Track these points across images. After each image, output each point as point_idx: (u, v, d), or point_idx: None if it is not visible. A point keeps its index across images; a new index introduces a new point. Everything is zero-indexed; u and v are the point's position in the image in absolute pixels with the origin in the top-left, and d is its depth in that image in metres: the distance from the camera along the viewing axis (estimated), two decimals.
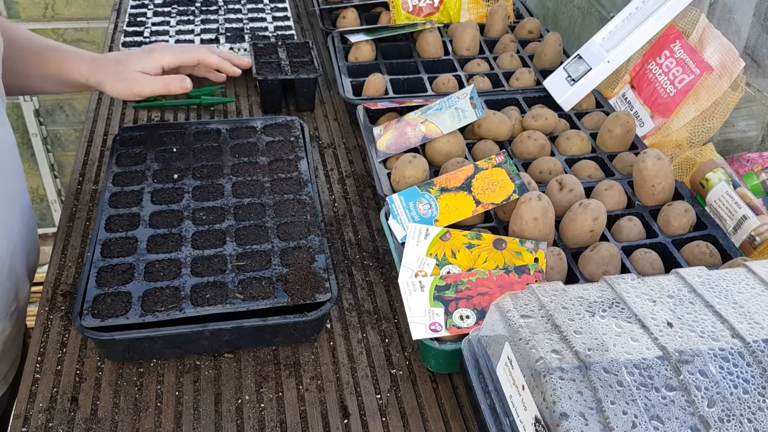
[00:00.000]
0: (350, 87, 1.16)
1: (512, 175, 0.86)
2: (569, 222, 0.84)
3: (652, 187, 0.89)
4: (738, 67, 0.98)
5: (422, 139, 0.97)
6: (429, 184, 0.87)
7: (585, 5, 1.47)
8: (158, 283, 0.79)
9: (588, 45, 1.13)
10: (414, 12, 1.34)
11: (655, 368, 0.53)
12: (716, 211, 0.89)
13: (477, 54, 1.28)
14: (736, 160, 1.02)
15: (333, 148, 1.15)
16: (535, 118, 1.05)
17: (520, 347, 0.57)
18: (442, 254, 0.80)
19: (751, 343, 0.55)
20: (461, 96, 1.01)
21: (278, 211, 0.91)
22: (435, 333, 0.73)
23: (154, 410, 0.73)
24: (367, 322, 0.84)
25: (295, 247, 0.85)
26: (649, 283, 0.62)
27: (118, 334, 0.73)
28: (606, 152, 1.02)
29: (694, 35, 1.05)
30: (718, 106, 1.00)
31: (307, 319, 0.76)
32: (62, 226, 0.96)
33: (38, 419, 0.72)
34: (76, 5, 2.79)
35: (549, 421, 0.51)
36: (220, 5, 1.44)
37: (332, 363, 0.79)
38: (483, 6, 1.40)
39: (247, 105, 1.23)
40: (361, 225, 0.99)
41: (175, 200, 0.91)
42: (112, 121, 1.18)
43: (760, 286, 0.62)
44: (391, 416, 0.73)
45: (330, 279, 0.81)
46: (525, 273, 0.77)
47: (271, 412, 0.73)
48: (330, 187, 1.06)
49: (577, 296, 0.61)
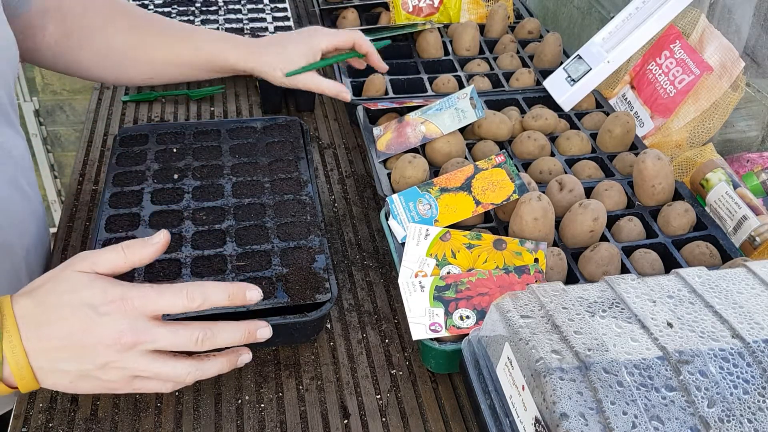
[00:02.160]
0: (350, 87, 1.16)
1: (512, 175, 0.86)
2: (569, 222, 0.84)
3: (652, 187, 0.89)
4: (738, 67, 0.98)
5: (422, 140, 0.97)
6: (429, 185, 0.87)
7: (585, 5, 1.47)
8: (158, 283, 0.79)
9: (588, 45, 1.13)
10: (414, 12, 1.34)
11: (655, 368, 0.53)
12: (716, 211, 0.89)
13: (477, 54, 1.28)
14: (736, 161, 1.02)
15: (333, 149, 1.15)
16: (535, 118, 1.05)
17: (520, 347, 0.57)
18: (442, 254, 0.80)
19: (751, 344, 0.55)
20: (461, 96, 1.01)
21: (278, 211, 0.91)
22: (435, 333, 0.73)
23: (154, 410, 0.73)
24: (367, 322, 0.84)
25: (295, 247, 0.85)
26: (649, 284, 0.62)
27: None
28: (606, 152, 1.02)
29: (694, 35, 1.05)
30: (718, 107, 1.00)
31: (307, 319, 0.76)
32: (62, 226, 0.96)
33: (38, 419, 0.71)
34: None
35: (549, 421, 0.51)
36: (220, 5, 1.44)
37: (332, 363, 0.79)
38: (483, 6, 1.40)
39: (247, 105, 1.23)
40: (361, 225, 0.99)
41: (175, 200, 0.91)
42: (112, 121, 1.18)
43: (760, 286, 0.62)
44: (391, 416, 0.73)
45: (330, 279, 0.81)
46: (525, 273, 0.77)
47: (271, 413, 0.73)
48: (330, 187, 1.06)
49: (577, 296, 0.61)
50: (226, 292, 0.61)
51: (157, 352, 0.60)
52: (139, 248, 0.61)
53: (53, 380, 0.59)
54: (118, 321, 0.57)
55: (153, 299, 0.58)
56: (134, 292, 0.58)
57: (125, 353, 0.58)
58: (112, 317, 0.57)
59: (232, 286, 0.61)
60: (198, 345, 0.60)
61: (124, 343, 0.57)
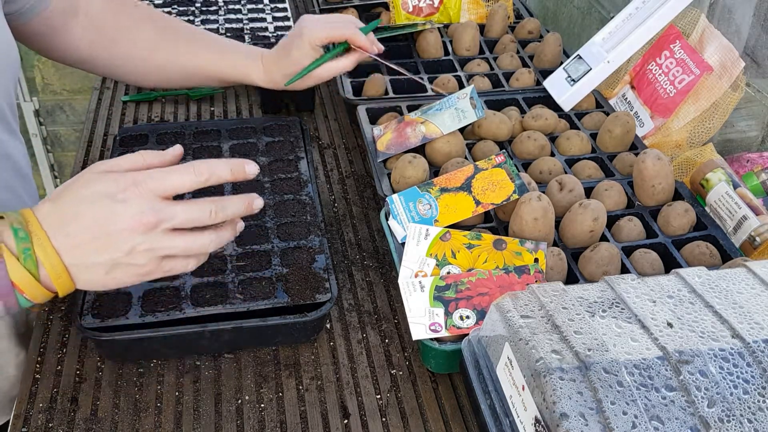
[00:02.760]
0: (350, 87, 1.16)
1: (512, 175, 0.86)
2: (569, 222, 0.84)
3: (652, 187, 0.89)
4: (738, 67, 0.98)
5: (422, 140, 0.97)
6: (429, 185, 0.87)
7: (585, 5, 1.47)
8: (158, 283, 0.79)
9: (588, 45, 1.13)
10: (414, 12, 1.34)
11: (655, 368, 0.53)
12: (716, 211, 0.89)
13: (477, 54, 1.28)
14: (736, 161, 1.02)
15: (333, 148, 1.15)
16: (535, 118, 1.05)
17: (520, 347, 0.57)
18: (442, 254, 0.80)
19: (751, 344, 0.55)
20: (461, 96, 1.01)
21: (278, 211, 0.91)
22: (435, 333, 0.73)
23: (154, 410, 0.73)
24: (367, 322, 0.84)
25: (295, 247, 0.85)
26: (649, 284, 0.62)
27: (118, 335, 0.73)
28: (606, 152, 1.02)
29: (694, 35, 1.05)
30: (718, 107, 1.00)
31: (307, 319, 0.76)
32: None
33: (38, 419, 0.72)
34: None
35: (549, 421, 0.51)
36: (220, 5, 1.44)
37: (332, 363, 0.79)
38: (483, 6, 1.40)
39: (247, 105, 1.23)
40: (361, 225, 0.99)
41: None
42: (112, 121, 1.18)
43: (760, 286, 0.62)
44: (391, 416, 0.73)
45: (330, 279, 0.81)
46: (525, 273, 0.77)
47: (271, 413, 0.73)
48: (330, 187, 1.06)
49: (577, 296, 0.61)
50: (228, 166, 0.64)
51: (178, 230, 0.62)
52: (157, 155, 0.65)
53: (87, 276, 0.61)
54: (137, 204, 0.59)
55: (164, 179, 0.61)
56: (145, 176, 0.60)
57: (149, 234, 0.60)
58: (130, 202, 0.59)
59: (233, 162, 0.64)
60: (212, 217, 0.63)
61: (146, 224, 0.59)
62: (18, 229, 0.57)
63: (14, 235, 0.57)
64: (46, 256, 0.58)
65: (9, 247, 0.57)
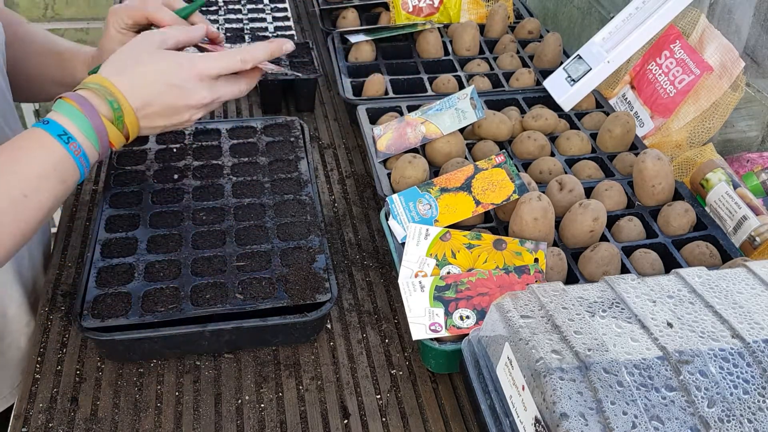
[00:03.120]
0: (350, 87, 1.16)
1: (512, 175, 0.86)
2: (569, 222, 0.84)
3: (652, 187, 0.89)
4: (738, 67, 0.98)
5: (422, 140, 0.97)
6: (429, 185, 0.87)
7: (585, 5, 1.47)
8: (158, 283, 0.79)
9: (588, 45, 1.13)
10: (414, 12, 1.34)
11: (655, 368, 0.53)
12: (716, 211, 0.89)
13: (477, 54, 1.28)
14: (736, 161, 1.02)
15: (333, 148, 1.15)
16: (535, 118, 1.05)
17: (520, 347, 0.57)
18: (442, 254, 0.80)
19: (751, 344, 0.55)
20: (461, 96, 1.01)
21: (278, 211, 0.91)
22: (435, 333, 0.73)
23: (154, 410, 0.73)
24: (367, 322, 0.84)
25: (295, 247, 0.85)
26: (649, 284, 0.62)
27: (118, 335, 0.73)
28: (606, 152, 1.02)
29: (694, 35, 1.05)
30: (718, 107, 1.00)
31: (307, 319, 0.76)
32: (62, 226, 0.96)
33: (38, 419, 0.72)
34: (76, 5, 2.78)
35: (549, 421, 0.51)
36: (220, 5, 1.44)
37: (332, 363, 0.79)
38: (483, 6, 1.40)
39: (247, 105, 1.23)
40: (361, 225, 0.99)
41: (175, 200, 0.91)
42: None
43: (760, 286, 0.62)
44: (391, 416, 0.73)
45: (330, 279, 0.81)
46: (525, 273, 0.77)
47: (271, 413, 0.73)
48: (330, 187, 1.06)
49: (577, 296, 0.61)
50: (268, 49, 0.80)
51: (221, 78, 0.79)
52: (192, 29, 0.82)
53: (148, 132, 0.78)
54: (200, 91, 0.76)
55: (214, 64, 0.77)
56: (200, 60, 0.76)
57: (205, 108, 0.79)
58: (195, 90, 0.76)
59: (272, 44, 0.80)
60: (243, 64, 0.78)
61: (205, 104, 0.78)
62: (112, 101, 0.73)
63: (110, 107, 0.73)
64: (131, 124, 0.75)
65: (107, 116, 0.73)
